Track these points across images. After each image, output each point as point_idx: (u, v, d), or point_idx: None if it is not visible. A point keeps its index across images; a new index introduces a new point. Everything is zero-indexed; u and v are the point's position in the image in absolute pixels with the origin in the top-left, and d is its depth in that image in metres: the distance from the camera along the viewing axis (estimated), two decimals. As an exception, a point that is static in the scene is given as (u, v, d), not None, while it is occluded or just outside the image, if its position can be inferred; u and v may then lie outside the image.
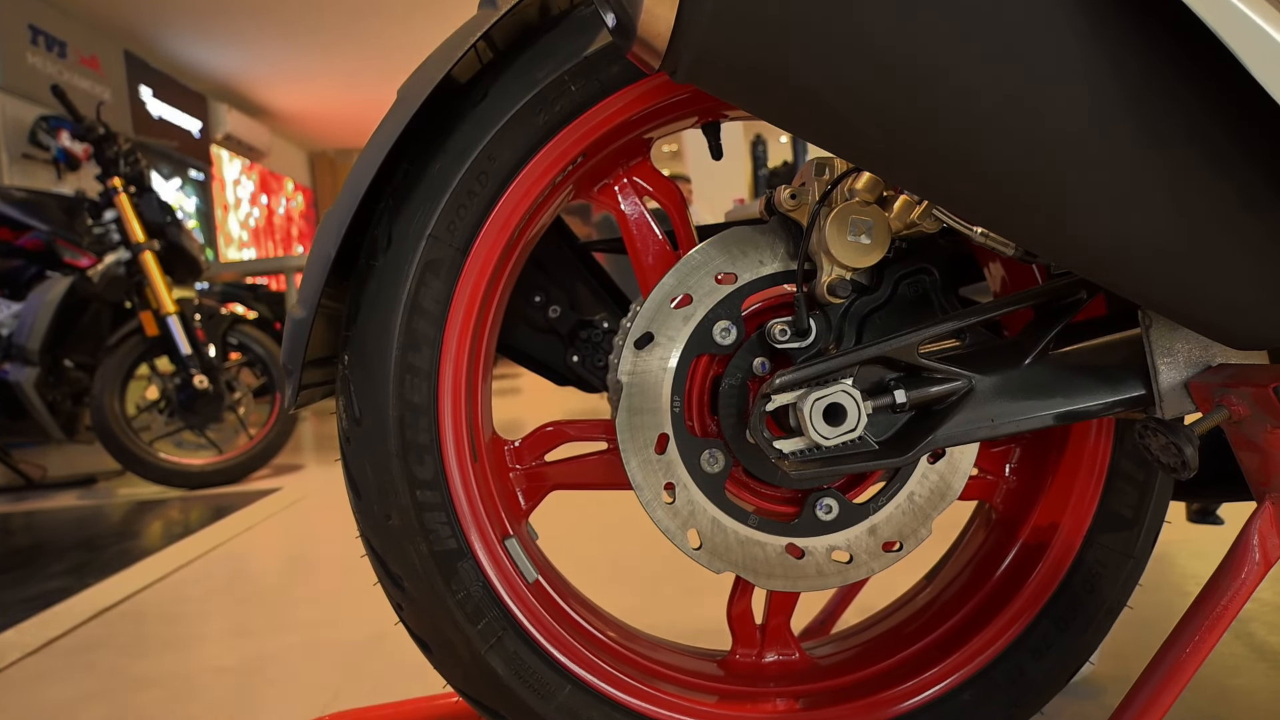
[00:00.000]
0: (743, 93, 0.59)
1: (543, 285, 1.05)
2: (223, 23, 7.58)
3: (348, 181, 0.78)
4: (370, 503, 0.81)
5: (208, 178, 9.26)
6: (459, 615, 0.82)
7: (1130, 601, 0.90)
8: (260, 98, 9.73)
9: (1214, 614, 0.67)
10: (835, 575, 0.84)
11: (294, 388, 0.80)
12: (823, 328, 0.80)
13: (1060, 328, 0.75)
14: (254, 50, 8.31)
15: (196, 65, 8.54)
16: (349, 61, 8.71)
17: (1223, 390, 0.69)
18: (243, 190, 10.29)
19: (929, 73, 0.52)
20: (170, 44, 7.94)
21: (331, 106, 10.19)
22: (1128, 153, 0.55)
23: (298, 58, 8.58)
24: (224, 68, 8.72)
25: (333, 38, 8.09)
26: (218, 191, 9.52)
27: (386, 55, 8.49)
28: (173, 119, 8.47)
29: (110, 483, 3.81)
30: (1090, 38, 0.52)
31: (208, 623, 1.77)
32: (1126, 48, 0.53)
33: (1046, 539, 0.91)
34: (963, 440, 0.74)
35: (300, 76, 9.14)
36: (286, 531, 2.62)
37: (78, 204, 3.52)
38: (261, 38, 7.99)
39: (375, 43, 8.20)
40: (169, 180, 8.43)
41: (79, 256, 3.42)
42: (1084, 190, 0.56)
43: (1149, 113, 0.54)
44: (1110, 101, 0.53)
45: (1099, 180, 0.56)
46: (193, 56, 8.32)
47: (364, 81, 9.27)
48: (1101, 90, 0.53)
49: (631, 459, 0.82)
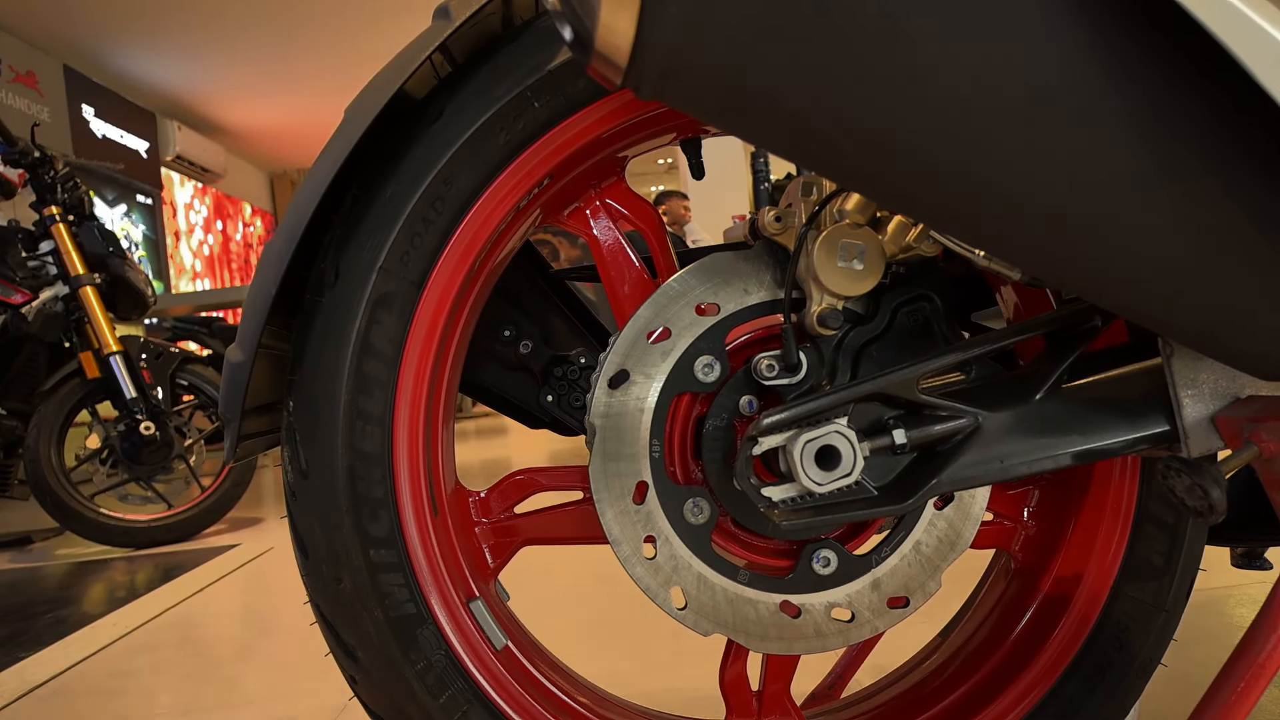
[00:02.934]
0: (714, 110, 0.60)
1: (512, 318, 1.06)
2: (172, 34, 7.66)
3: (290, 210, 0.79)
4: (319, 564, 0.81)
5: (157, 202, 9.30)
6: (419, 688, 0.81)
7: (1167, 658, 0.89)
8: (214, 115, 9.80)
9: (1253, 670, 0.66)
10: (836, 636, 0.83)
11: (233, 438, 0.80)
12: (814, 362, 0.80)
13: (1074, 358, 0.75)
14: (207, 63, 8.39)
15: (144, 80, 8.61)
16: (311, 74, 8.79)
17: (1252, 425, 0.69)
18: (196, 215, 10.33)
19: (912, 84, 0.53)
20: (115, 58, 8.01)
21: (292, 123, 10.26)
22: (1134, 170, 0.55)
23: (255, 71, 8.66)
24: (174, 82, 8.79)
25: (293, 49, 8.17)
26: (168, 217, 9.55)
27: (351, 67, 8.56)
28: (118, 139, 8.52)
29: (47, 543, 3.79)
30: (1090, 51, 0.53)
31: (152, 700, 1.75)
32: (1131, 58, 0.53)
33: (1070, 591, 0.90)
34: (970, 484, 0.74)
35: (258, 91, 9.21)
36: (242, 593, 2.61)
37: (10, 235, 3.54)
38: (215, 50, 8.07)
39: (339, 53, 8.28)
40: (114, 206, 8.46)
41: (12, 293, 3.42)
42: (1088, 211, 0.56)
43: (1156, 127, 0.55)
44: (1114, 116, 0.54)
45: (1105, 200, 0.56)
46: (140, 71, 8.39)
47: (327, 95, 9.35)
48: (1105, 105, 0.53)
49: (607, 510, 0.82)
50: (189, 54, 8.14)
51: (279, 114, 9.97)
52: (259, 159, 11.82)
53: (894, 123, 0.55)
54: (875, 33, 0.52)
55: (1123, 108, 0.53)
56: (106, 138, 8.32)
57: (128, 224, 8.69)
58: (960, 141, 0.55)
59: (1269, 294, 0.59)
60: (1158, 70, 0.53)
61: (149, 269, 8.97)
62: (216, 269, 10.76)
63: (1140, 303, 0.62)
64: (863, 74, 0.53)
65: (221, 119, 9.96)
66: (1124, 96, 0.53)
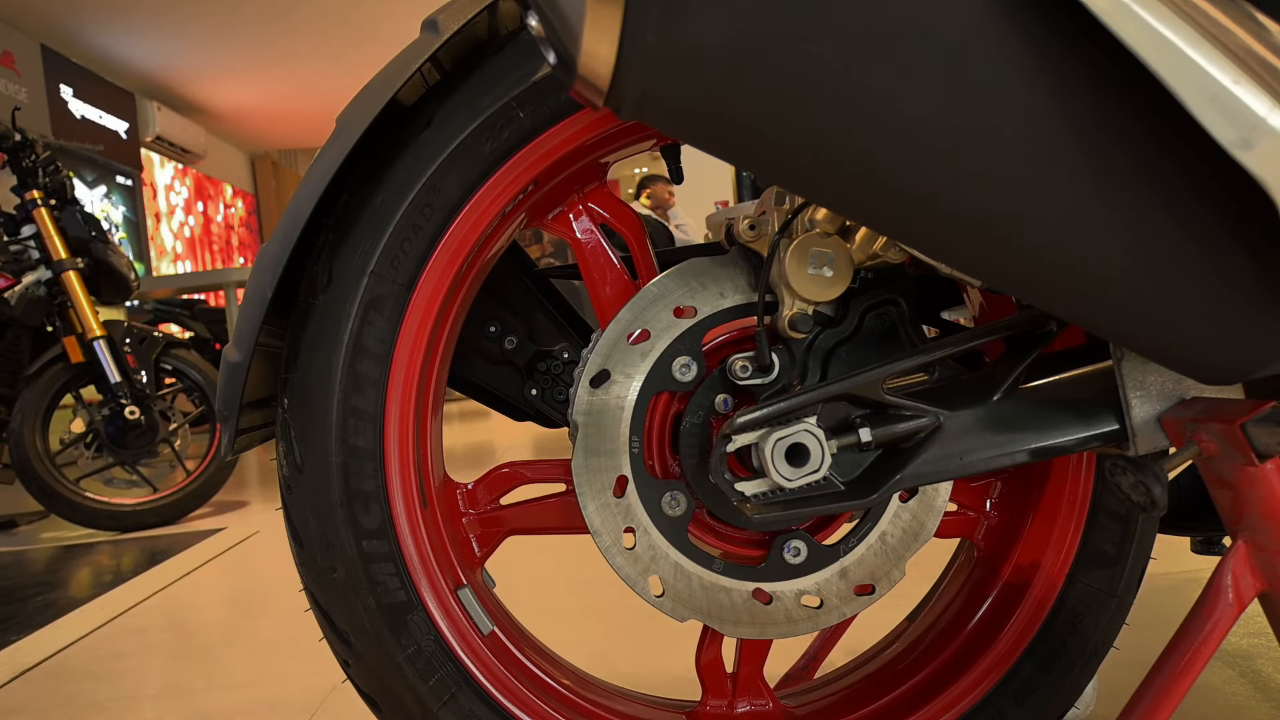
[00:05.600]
0: (690, 131, 0.64)
1: (498, 315, 1.09)
2: (151, 12, 7.60)
3: (285, 215, 0.82)
4: (314, 554, 0.85)
5: (137, 183, 9.24)
6: (409, 672, 0.85)
7: (1129, 641, 0.94)
8: (194, 95, 9.73)
9: (1186, 659, 0.71)
10: (805, 621, 0.88)
11: (230, 434, 0.84)
12: (786, 363, 0.84)
13: (1030, 361, 0.80)
14: (187, 42, 8.32)
15: (123, 60, 8.54)
16: (292, 53, 8.74)
17: (1193, 426, 0.73)
18: (176, 197, 10.27)
19: (871, 114, 0.57)
20: (93, 37, 7.94)
21: (274, 103, 10.20)
22: (1080, 190, 0.60)
23: (235, 50, 8.60)
24: (154, 62, 8.72)
25: (274, 28, 8.12)
26: (148, 199, 9.49)
27: (335, 46, 8.52)
28: (97, 119, 8.46)
29: (32, 526, 3.80)
30: (1040, 78, 0.57)
31: (142, 681, 1.79)
32: (1078, 85, 0.58)
33: (1028, 578, 0.95)
34: (931, 479, 0.79)
35: (238, 71, 9.15)
36: (229, 576, 2.64)
37: (-9, 219, 3.54)
38: (195, 28, 8.00)
39: (321, 33, 8.23)
40: (94, 188, 8.40)
41: (-7, 277, 3.43)
42: (1035, 231, 0.60)
43: (1101, 149, 0.59)
44: (1062, 139, 0.58)
45: (1052, 218, 0.61)
46: (119, 50, 8.32)
47: (309, 75, 9.30)
48: (1048, 136, 0.57)
49: (589, 503, 0.86)
50: (168, 33, 8.07)
51: (260, 94, 9.91)
52: (240, 140, 11.74)
53: (855, 148, 0.59)
54: (837, 68, 0.56)
55: (1065, 140, 0.57)
56: (85, 118, 8.26)
57: (108, 205, 8.64)
58: (913, 166, 0.59)
59: (1199, 304, 0.64)
60: (1096, 101, 0.58)
61: (130, 251, 8.91)
62: (198, 251, 10.71)
63: (1087, 313, 0.66)
64: (825, 103, 0.57)
65: (202, 99, 9.89)
66: (1065, 128, 0.58)
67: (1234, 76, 0.55)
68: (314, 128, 11.18)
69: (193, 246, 10.60)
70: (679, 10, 0.56)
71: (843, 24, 0.55)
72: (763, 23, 0.56)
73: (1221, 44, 0.55)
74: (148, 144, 9.43)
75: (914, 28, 0.56)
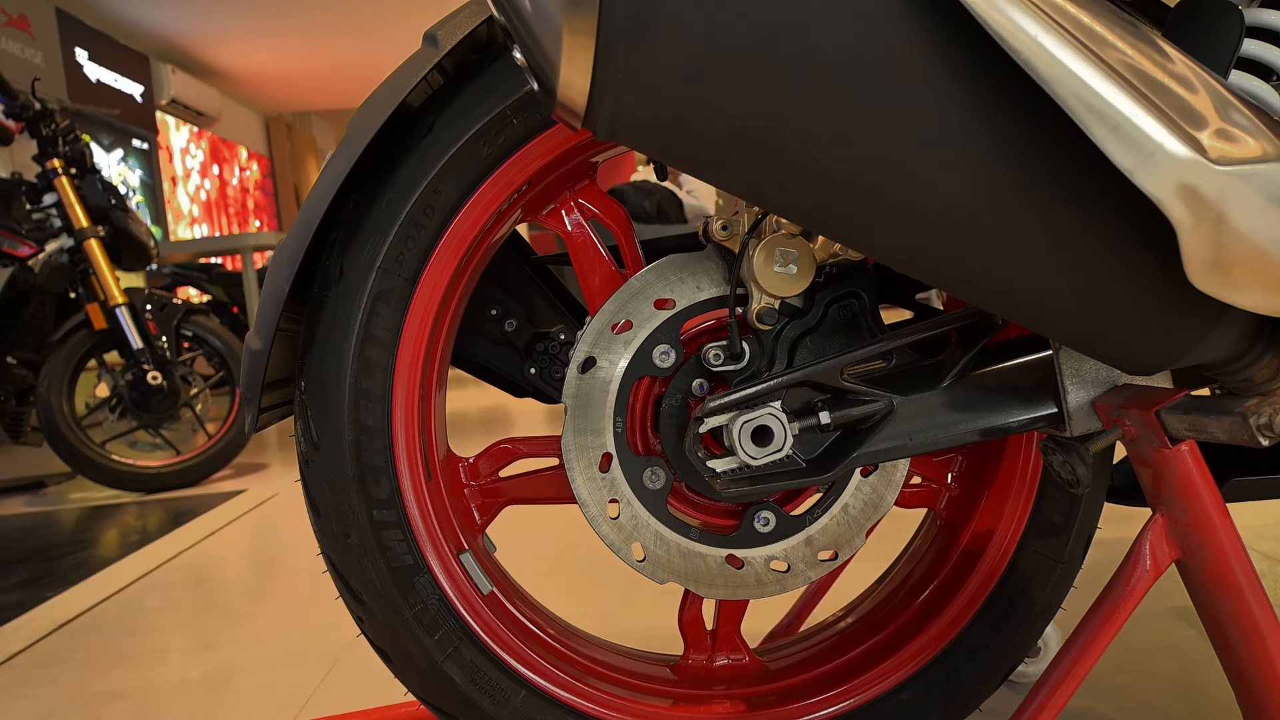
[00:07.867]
0: (659, 151, 0.72)
1: (498, 299, 1.18)
2: (165, -24, 7.63)
3: (301, 214, 0.91)
4: (329, 522, 0.94)
5: (153, 147, 9.32)
6: (417, 627, 0.95)
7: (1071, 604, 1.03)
8: (209, 57, 9.77)
9: (1105, 619, 0.80)
10: (774, 584, 0.97)
11: (253, 414, 0.93)
12: (755, 351, 0.93)
13: (977, 350, 0.88)
14: (201, 5, 8.34)
15: (137, 23, 8.58)
16: (305, 16, 8.75)
17: (1119, 411, 0.82)
18: (192, 160, 10.35)
19: (816, 136, 0.65)
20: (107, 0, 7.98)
21: (287, 66, 10.24)
22: (1010, 207, 0.67)
23: (249, 12, 8.62)
24: (168, 25, 8.76)
25: (287, -9, 8.14)
26: (164, 162, 9.58)
27: (346, 8, 8.53)
28: (112, 83, 8.52)
29: (60, 487, 3.94)
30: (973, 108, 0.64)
31: (171, 635, 1.91)
32: (1007, 117, 0.65)
33: (984, 545, 1.04)
34: (884, 458, 0.87)
35: (252, 33, 9.18)
36: (251, 537, 2.76)
37: (14, 188, 3.61)
38: (208, -8, 8.04)
39: (334, -5, 8.25)
40: (110, 151, 8.50)
41: (18, 245, 3.52)
42: (973, 240, 0.68)
43: (1025, 169, 0.67)
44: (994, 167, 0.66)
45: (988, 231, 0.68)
46: (132, 13, 8.36)
47: (323, 38, 9.32)
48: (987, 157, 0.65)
49: (577, 477, 0.95)
50: (182, -4, 8.11)
51: (274, 57, 9.94)
52: (254, 102, 11.79)
53: (805, 167, 0.67)
54: (782, 96, 0.64)
55: (997, 168, 0.65)
56: (101, 82, 8.32)
57: (124, 169, 8.73)
58: (860, 179, 0.67)
59: (1117, 304, 0.71)
60: (1023, 131, 0.65)
61: (147, 215, 9.01)
62: (214, 214, 10.80)
63: (1020, 311, 0.74)
64: (774, 127, 0.65)
65: (216, 62, 9.93)
66: (996, 157, 0.65)
67: (1133, 109, 0.62)
68: (328, 90, 11.22)
69: (209, 210, 10.69)
70: (644, 49, 0.64)
71: (780, 71, 0.62)
72: (715, 59, 0.64)
73: (1123, 79, 0.63)
74: (163, 107, 9.49)
75: (850, 59, 0.63)
